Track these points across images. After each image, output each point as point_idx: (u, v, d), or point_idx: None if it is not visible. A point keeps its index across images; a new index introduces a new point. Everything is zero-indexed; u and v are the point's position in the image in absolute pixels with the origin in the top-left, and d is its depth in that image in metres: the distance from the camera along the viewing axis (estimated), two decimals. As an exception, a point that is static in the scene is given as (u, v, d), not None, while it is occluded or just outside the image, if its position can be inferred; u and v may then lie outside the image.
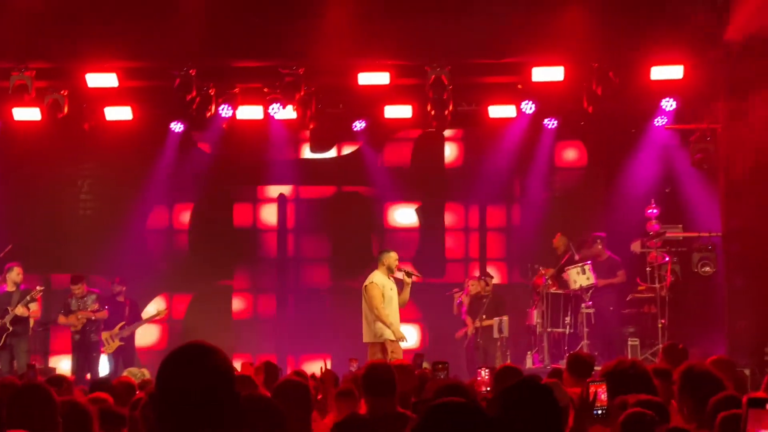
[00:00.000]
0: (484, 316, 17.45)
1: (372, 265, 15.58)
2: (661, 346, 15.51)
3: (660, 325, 16.58)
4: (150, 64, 17.16)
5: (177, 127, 19.03)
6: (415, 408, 6.08)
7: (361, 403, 7.57)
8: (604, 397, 5.42)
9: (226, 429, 3.28)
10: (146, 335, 19.24)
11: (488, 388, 8.01)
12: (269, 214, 20.12)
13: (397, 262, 14.94)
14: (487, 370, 8.48)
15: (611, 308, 17.41)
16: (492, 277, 17.91)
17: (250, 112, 18.26)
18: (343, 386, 8.32)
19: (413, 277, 15.12)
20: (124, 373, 12.55)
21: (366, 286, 14.87)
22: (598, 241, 17.62)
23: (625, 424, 5.38)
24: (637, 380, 6.11)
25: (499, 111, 18.41)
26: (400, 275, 14.94)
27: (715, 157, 16.86)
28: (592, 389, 5.40)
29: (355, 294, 19.43)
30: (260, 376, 9.39)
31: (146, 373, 12.93)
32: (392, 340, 14.54)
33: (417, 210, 19.94)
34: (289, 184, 20.05)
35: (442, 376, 7.66)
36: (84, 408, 5.68)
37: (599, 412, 5.40)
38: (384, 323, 14.55)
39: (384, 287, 14.71)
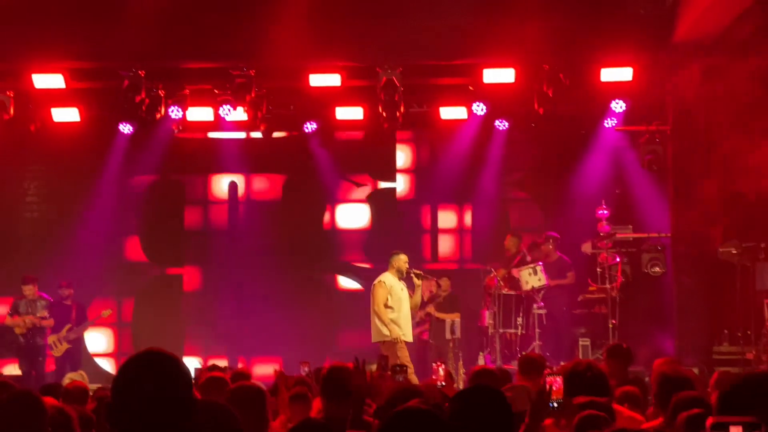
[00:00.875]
0: (434, 308, 17.57)
1: (320, 266, 15.54)
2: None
3: (611, 326, 16.68)
4: (98, 64, 16.98)
5: (125, 128, 18.85)
6: (377, 414, 6.06)
7: (313, 405, 7.53)
8: (557, 389, 5.47)
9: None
10: (95, 339, 19.07)
11: (443, 383, 8.08)
12: (220, 214, 20.03)
13: (406, 265, 14.91)
14: (442, 366, 8.55)
15: (564, 309, 17.53)
16: (444, 280, 17.91)
17: (201, 113, 18.15)
18: (296, 389, 8.29)
19: (423, 279, 15.12)
20: (65, 380, 12.37)
21: (373, 285, 14.93)
22: (551, 240, 17.72)
23: (578, 426, 5.41)
24: (593, 381, 6.16)
25: (451, 112, 18.45)
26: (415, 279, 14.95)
27: (664, 159, 17.00)
28: (548, 382, 5.46)
29: (306, 296, 19.49)
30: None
31: (85, 377, 12.83)
32: (394, 340, 14.46)
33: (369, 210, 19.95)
34: (240, 175, 20.02)
35: (400, 379, 7.64)
36: (68, 413, 5.59)
37: (555, 404, 5.46)
38: (383, 322, 14.50)
39: (392, 288, 14.73)
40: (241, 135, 19.60)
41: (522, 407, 5.38)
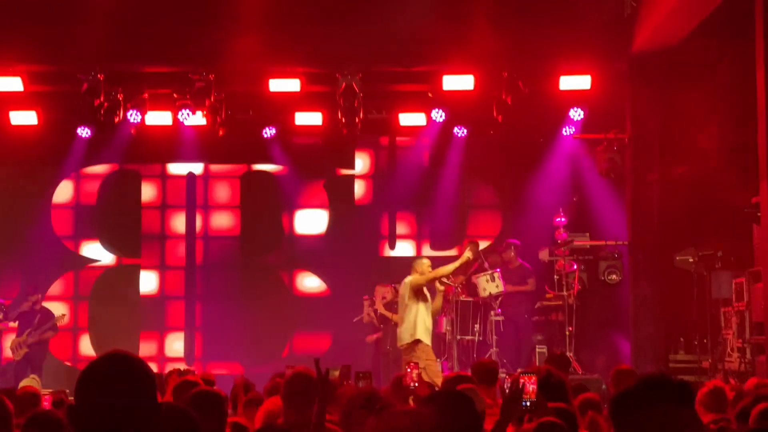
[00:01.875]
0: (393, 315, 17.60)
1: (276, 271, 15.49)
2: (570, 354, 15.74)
3: (567, 333, 16.74)
4: (56, 67, 16.86)
5: (84, 132, 18.72)
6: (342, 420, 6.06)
7: (261, 409, 7.47)
8: (532, 389, 5.50)
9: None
10: (53, 344, 18.93)
11: (415, 384, 8.11)
12: (178, 223, 19.96)
13: (429, 269, 14.83)
14: (417, 368, 8.60)
15: (526, 316, 17.62)
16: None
17: (159, 117, 18.05)
18: (251, 394, 8.29)
19: (445, 285, 15.11)
20: (22, 384, 12.29)
21: (400, 287, 14.91)
22: (512, 248, 17.80)
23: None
24: (556, 388, 6.19)
25: (410, 119, 18.49)
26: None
27: (621, 167, 17.10)
28: (521, 381, 5.48)
29: (263, 300, 19.44)
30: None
31: (38, 381, 12.74)
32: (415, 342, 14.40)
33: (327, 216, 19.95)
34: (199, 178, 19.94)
35: (361, 385, 7.64)
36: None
37: (527, 403, 5.49)
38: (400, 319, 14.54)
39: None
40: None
41: (478, 408, 5.40)
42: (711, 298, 15.66)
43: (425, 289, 14.60)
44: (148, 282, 19.84)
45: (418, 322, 14.34)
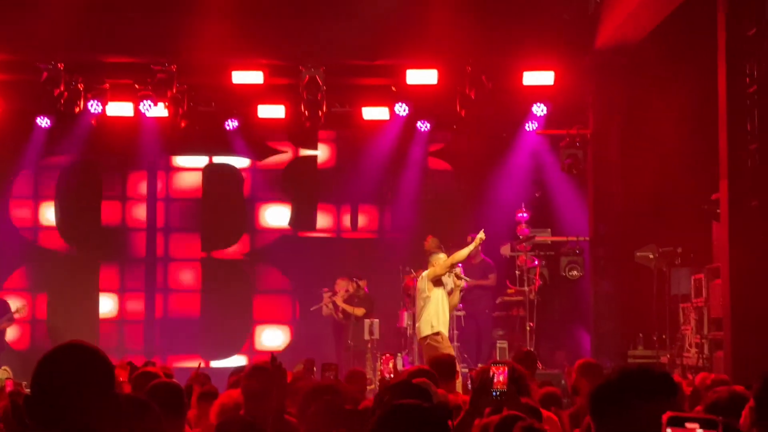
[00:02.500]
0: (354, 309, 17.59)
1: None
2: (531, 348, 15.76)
3: (528, 328, 16.78)
4: (16, 57, 16.71)
5: (43, 122, 18.54)
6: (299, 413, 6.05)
7: (216, 403, 7.42)
8: (503, 379, 5.49)
9: (104, 430, 3.17)
10: (9, 334, 18.76)
11: (391, 375, 8.11)
12: (139, 213, 19.82)
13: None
14: (392, 359, 8.61)
15: (487, 311, 17.64)
16: (363, 281, 17.91)
17: (121, 108, 17.89)
18: (205, 387, 8.26)
19: (463, 281, 15.11)
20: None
21: (417, 282, 14.91)
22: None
23: (497, 427, 5.42)
24: (516, 383, 6.19)
25: (373, 113, 18.44)
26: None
27: (584, 163, 17.16)
28: (492, 371, 5.47)
29: (225, 294, 19.35)
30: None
31: (9, 372, 12.63)
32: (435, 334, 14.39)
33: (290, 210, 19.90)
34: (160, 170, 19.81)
35: (331, 377, 7.66)
36: None
37: (497, 393, 5.48)
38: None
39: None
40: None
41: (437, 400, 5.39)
42: (670, 294, 15.77)
43: (443, 279, 14.68)
44: (108, 274, 19.69)
45: (440, 313, 14.50)
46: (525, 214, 17.46)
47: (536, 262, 17.32)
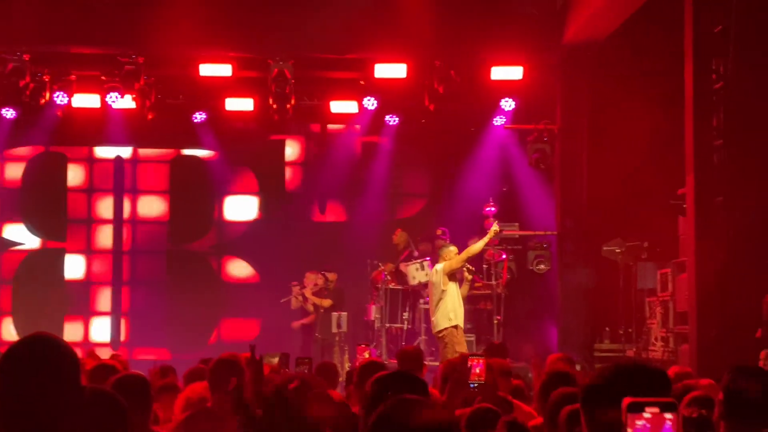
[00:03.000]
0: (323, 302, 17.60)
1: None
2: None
3: (495, 322, 16.82)
4: (-20, 47, 16.54)
5: (8, 113, 18.41)
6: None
7: (180, 396, 7.39)
8: (479, 371, 5.52)
9: (69, 422, 3.15)
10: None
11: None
12: (106, 207, 19.75)
13: (457, 255, 14.78)
14: (368, 349, 8.59)
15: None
16: (332, 273, 17.90)
17: (87, 100, 17.76)
18: (167, 380, 8.23)
19: (474, 274, 15.20)
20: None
21: (431, 274, 15.00)
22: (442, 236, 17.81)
23: (469, 420, 5.43)
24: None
25: (341, 106, 18.43)
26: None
27: (551, 157, 17.21)
28: (470, 363, 5.50)
29: (191, 285, 19.29)
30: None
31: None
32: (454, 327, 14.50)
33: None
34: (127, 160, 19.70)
35: (306, 371, 7.65)
36: None
37: (474, 384, 5.51)
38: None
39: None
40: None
41: None
42: (636, 288, 15.87)
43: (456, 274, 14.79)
44: (74, 266, 19.58)
45: (456, 306, 14.65)
46: (493, 208, 17.46)
47: (504, 256, 17.34)
